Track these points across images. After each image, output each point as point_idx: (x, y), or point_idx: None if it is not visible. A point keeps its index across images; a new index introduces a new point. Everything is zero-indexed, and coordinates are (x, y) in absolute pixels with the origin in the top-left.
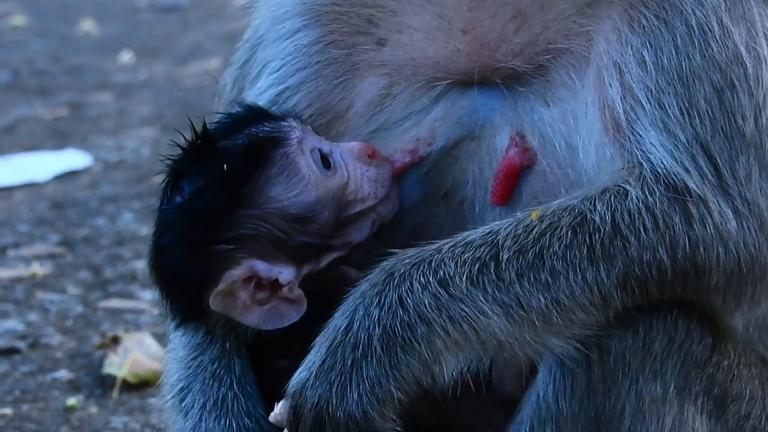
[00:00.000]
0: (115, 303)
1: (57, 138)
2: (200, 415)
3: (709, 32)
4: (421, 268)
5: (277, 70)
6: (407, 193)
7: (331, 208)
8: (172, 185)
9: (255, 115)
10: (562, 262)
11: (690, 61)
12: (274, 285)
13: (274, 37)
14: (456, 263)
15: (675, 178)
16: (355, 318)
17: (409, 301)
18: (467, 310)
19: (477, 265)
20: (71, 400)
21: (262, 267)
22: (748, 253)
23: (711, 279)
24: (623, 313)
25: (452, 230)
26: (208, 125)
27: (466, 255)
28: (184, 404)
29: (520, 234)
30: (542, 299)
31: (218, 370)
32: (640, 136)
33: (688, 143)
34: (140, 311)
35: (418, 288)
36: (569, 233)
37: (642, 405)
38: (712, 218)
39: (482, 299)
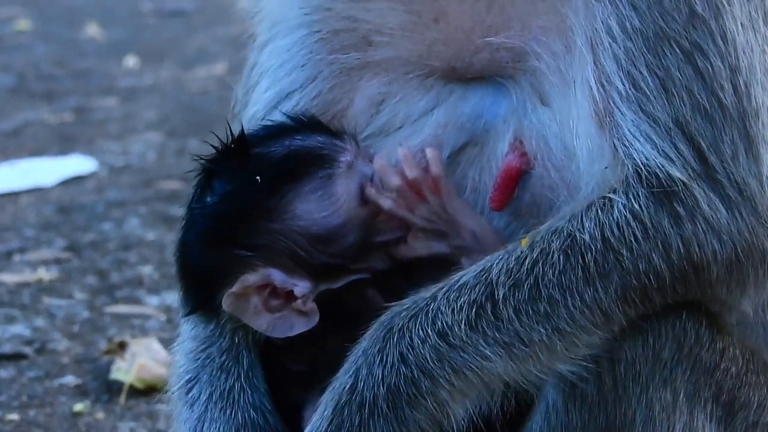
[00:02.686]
0: (121, 308)
1: (62, 142)
2: (206, 406)
3: None
4: (419, 320)
5: (275, 74)
6: None
7: (358, 234)
8: (203, 184)
9: (305, 126)
10: (559, 289)
11: (654, 24)
12: (289, 295)
13: (271, 41)
14: (452, 310)
15: (658, 172)
16: (360, 377)
17: (411, 356)
18: (469, 358)
19: (474, 309)
20: (78, 406)
21: (278, 277)
22: (743, 240)
23: (711, 274)
24: (631, 323)
25: None
26: (246, 129)
27: (462, 299)
28: (190, 395)
29: (513, 267)
30: (543, 331)
31: (226, 362)
32: (620, 126)
33: (668, 128)
34: (147, 316)
35: (417, 342)
36: (561, 258)
37: (652, 412)
38: (701, 212)
39: (482, 343)
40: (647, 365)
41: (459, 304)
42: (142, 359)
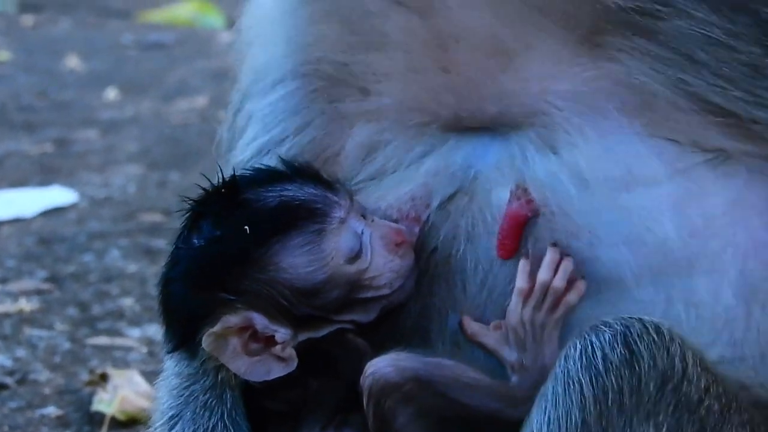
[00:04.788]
0: (103, 340)
1: (43, 173)
2: None
3: None
4: None
5: (264, 121)
6: None
7: (342, 290)
8: (191, 225)
9: (298, 173)
10: None
11: None
12: (269, 340)
13: (257, 89)
14: None
15: None
16: None
17: None
18: None
19: None
20: None
21: (259, 321)
22: None
23: None
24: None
25: (441, 285)
26: (238, 173)
27: None
28: None
29: None
30: None
31: (210, 401)
32: None
33: None
34: (128, 348)
35: None
36: None
37: None
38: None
39: None
40: (633, 398)
41: None
42: (124, 391)
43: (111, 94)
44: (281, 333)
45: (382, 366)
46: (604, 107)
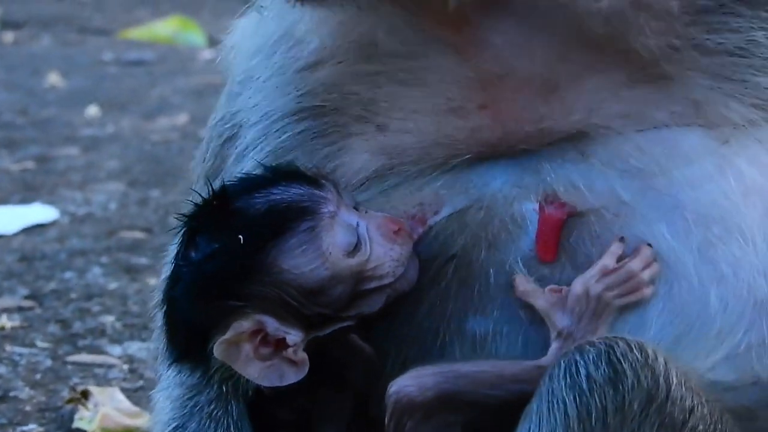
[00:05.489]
0: (84, 357)
1: (24, 191)
2: None
3: None
4: None
5: (262, 151)
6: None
7: (347, 284)
8: (187, 241)
9: (282, 176)
10: None
11: None
12: (279, 344)
13: (256, 120)
14: None
15: None
16: None
17: None
18: None
19: None
20: None
21: (271, 324)
22: None
23: None
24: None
25: (459, 290)
26: (227, 182)
27: None
28: None
29: None
30: None
31: (215, 412)
32: None
33: None
34: (110, 366)
35: None
36: None
37: None
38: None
39: None
40: (617, 417)
41: None
42: (106, 408)
43: (92, 111)
44: (292, 335)
45: (404, 385)
46: (650, 117)
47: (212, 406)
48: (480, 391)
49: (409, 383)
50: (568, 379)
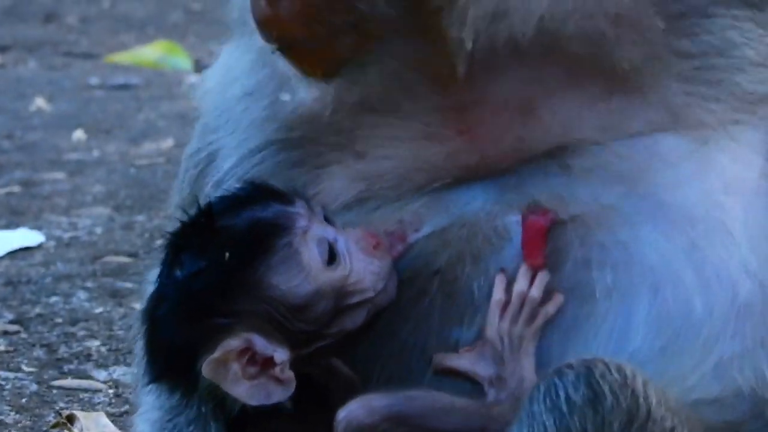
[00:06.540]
0: (69, 382)
1: (10, 215)
2: None
3: None
4: None
5: (240, 180)
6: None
7: (330, 299)
8: (172, 260)
9: (259, 193)
10: None
11: None
12: (267, 362)
13: (232, 150)
14: None
15: None
16: None
17: None
18: None
19: None
20: None
21: (259, 342)
22: None
23: None
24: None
25: (443, 304)
26: (210, 200)
27: None
28: None
29: None
30: None
31: None
32: None
33: None
34: (95, 390)
35: None
36: None
37: None
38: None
39: None
40: None
41: None
42: None
43: (78, 135)
44: (279, 353)
45: (353, 408)
46: (628, 126)
47: (191, 427)
48: (431, 415)
49: (358, 407)
50: (548, 402)
